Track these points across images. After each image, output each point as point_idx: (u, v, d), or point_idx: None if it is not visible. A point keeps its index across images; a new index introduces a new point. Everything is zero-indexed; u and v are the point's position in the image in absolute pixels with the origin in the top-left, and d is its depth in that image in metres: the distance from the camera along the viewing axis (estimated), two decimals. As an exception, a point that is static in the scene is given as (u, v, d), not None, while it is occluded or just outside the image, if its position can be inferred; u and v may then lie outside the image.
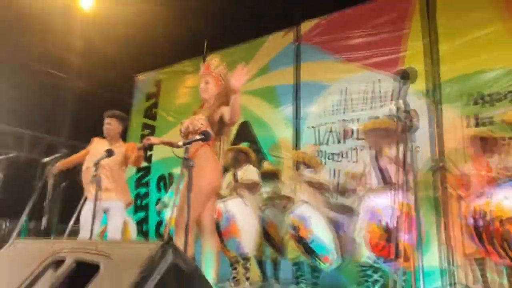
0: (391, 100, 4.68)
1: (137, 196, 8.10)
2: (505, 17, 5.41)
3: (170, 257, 1.11)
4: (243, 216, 4.59)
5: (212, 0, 7.56)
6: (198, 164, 2.97)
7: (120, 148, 4.08)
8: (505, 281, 4.30)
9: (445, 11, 5.90)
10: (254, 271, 5.60)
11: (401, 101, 2.17)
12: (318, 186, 4.55)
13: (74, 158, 4.34)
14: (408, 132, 2.22)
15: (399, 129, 2.22)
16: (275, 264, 5.45)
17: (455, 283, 5.00)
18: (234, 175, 4.98)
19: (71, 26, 8.84)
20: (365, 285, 4.48)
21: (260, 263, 5.58)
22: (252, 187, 4.88)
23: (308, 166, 4.83)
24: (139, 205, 8.04)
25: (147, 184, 8.15)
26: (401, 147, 2.34)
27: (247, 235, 4.59)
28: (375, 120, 4.92)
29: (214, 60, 3.35)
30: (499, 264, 4.20)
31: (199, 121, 3.11)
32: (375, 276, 4.07)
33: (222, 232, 4.49)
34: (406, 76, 2.25)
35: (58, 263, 1.25)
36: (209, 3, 7.58)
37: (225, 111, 3.08)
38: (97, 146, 4.13)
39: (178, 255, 1.15)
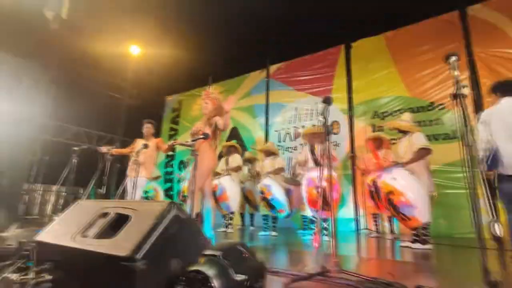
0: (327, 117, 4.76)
1: (166, 173, 8.04)
2: (394, 64, 5.51)
3: (174, 211, 1.16)
4: (231, 188, 4.55)
5: (215, 49, 7.55)
6: (201, 153, 3.01)
7: (153, 142, 4.04)
8: (386, 224, 4.45)
9: (356, 62, 5.98)
10: (237, 221, 5.67)
11: (321, 116, 2.17)
12: (276, 169, 4.54)
13: (123, 150, 4.31)
14: (328, 135, 2.20)
15: (324, 132, 2.21)
16: (252, 216, 5.48)
17: (361, 228, 5.14)
18: (226, 161, 4.98)
19: (125, 65, 8.79)
20: (305, 227, 4.57)
21: (242, 216, 5.61)
22: (237, 169, 4.86)
23: (271, 153, 4.81)
24: (167, 179, 7.99)
25: (172, 166, 8.12)
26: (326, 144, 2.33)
27: (234, 200, 4.58)
28: (310, 127, 4.94)
29: (211, 89, 3.34)
30: (386, 214, 4.33)
31: (202, 126, 3.11)
32: (311, 224, 4.10)
33: (217, 198, 4.46)
34: (326, 101, 2.27)
35: (105, 214, 1.27)
36: (214, 52, 7.57)
37: (219, 120, 3.08)
38: (139, 143, 4.11)
39: (179, 209, 1.20)
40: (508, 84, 2.65)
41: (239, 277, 0.89)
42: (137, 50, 8.35)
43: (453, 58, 1.53)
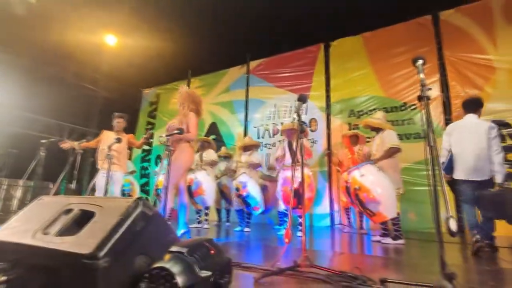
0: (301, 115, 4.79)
1: (142, 168, 7.87)
2: (370, 64, 5.66)
3: (140, 207, 1.13)
4: (207, 182, 4.52)
5: (195, 43, 7.43)
6: (178, 150, 2.97)
7: (124, 137, 3.92)
8: (357, 219, 4.56)
9: (335, 61, 6.07)
10: (214, 217, 5.65)
11: (296, 114, 2.20)
12: (252, 164, 4.54)
13: (89, 143, 4.14)
14: (301, 133, 2.23)
15: (298, 130, 2.23)
16: (228, 212, 5.48)
17: (336, 223, 5.28)
18: (200, 156, 4.91)
19: (101, 56, 8.47)
20: (281, 223, 4.62)
21: (219, 212, 5.60)
22: (211, 163, 4.81)
23: (248, 149, 4.79)
24: (143, 174, 7.81)
25: (148, 160, 7.93)
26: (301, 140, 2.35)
27: (209, 194, 4.55)
28: (287, 123, 5.00)
29: (181, 86, 3.30)
30: (356, 210, 4.47)
31: (176, 123, 3.07)
32: (286, 218, 4.15)
33: (193, 192, 4.41)
34: (301, 99, 2.31)
35: (69, 211, 1.23)
36: (193, 45, 7.45)
37: (190, 122, 3.07)
38: (107, 136, 3.98)
39: (146, 206, 1.18)
40: (470, 102, 3.08)
41: (204, 273, 0.89)
42: (113, 40, 8.04)
43: (420, 62, 1.59)
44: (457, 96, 4.73)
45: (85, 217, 1.17)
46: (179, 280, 0.83)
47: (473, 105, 3.03)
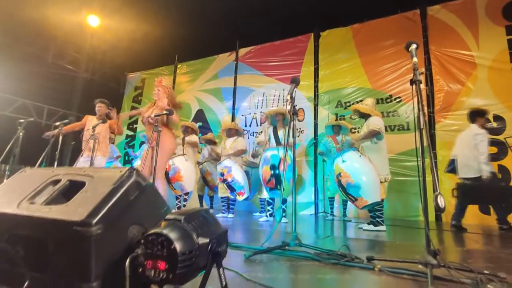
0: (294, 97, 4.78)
1: (125, 154, 7.68)
2: (358, 56, 5.72)
3: (133, 177, 1.10)
4: (185, 168, 4.36)
5: (183, 27, 7.26)
6: (162, 137, 2.91)
7: (106, 123, 3.82)
8: (341, 207, 4.68)
9: (324, 51, 6.10)
10: (196, 203, 5.58)
11: (289, 95, 2.20)
12: (237, 152, 4.48)
13: (75, 125, 4.02)
14: (293, 115, 2.24)
15: (289, 112, 2.23)
16: (211, 198, 5.44)
17: (319, 211, 5.38)
18: (183, 139, 4.77)
19: (83, 36, 8.14)
20: (262, 210, 4.66)
21: (201, 198, 5.46)
22: (193, 145, 4.69)
23: (233, 134, 4.70)
24: (127, 160, 7.63)
25: (132, 146, 7.74)
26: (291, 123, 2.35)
27: (188, 180, 4.38)
28: (272, 108, 4.97)
29: (164, 78, 3.23)
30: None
31: (150, 112, 3.04)
32: (269, 207, 4.18)
33: (170, 178, 4.29)
34: (294, 81, 2.32)
35: (56, 181, 1.18)
36: (181, 29, 7.27)
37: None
38: (91, 120, 3.89)
39: (139, 176, 1.15)
40: (474, 113, 3.71)
41: (202, 240, 0.88)
42: (95, 20, 7.72)
43: (413, 46, 1.61)
44: (440, 90, 4.88)
45: (74, 188, 1.12)
46: (177, 245, 0.81)
47: (473, 116, 3.68)
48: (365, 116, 3.42)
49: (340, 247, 1.77)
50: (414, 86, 1.61)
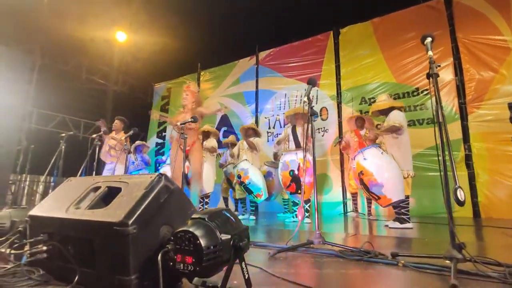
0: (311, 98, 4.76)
1: (156, 160, 8.05)
2: (380, 51, 5.60)
3: (162, 181, 1.22)
4: (204, 170, 4.17)
5: (203, 37, 7.51)
6: (196, 149, 3.16)
7: (121, 136, 4.23)
8: (364, 205, 4.56)
9: (345, 48, 6.03)
10: (222, 205, 5.71)
11: (306, 97, 2.24)
12: (250, 146, 4.50)
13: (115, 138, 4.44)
14: (311, 116, 2.27)
15: (308, 113, 2.27)
16: (237, 201, 5.46)
17: (348, 211, 5.31)
18: (201, 143, 4.86)
19: (112, 51, 8.66)
20: (285, 210, 4.67)
21: (226, 200, 5.52)
22: (211, 150, 4.71)
23: (250, 134, 4.72)
24: (157, 167, 7.97)
25: (162, 153, 8.10)
26: (310, 126, 2.38)
27: (207, 181, 4.33)
28: (291, 109, 4.96)
29: (192, 84, 3.47)
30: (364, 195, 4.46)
31: (183, 118, 3.21)
32: (294, 208, 4.18)
33: (188, 180, 4.14)
34: (310, 82, 2.36)
35: (97, 188, 1.33)
36: (202, 39, 7.53)
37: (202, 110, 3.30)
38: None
39: (168, 180, 1.27)
40: None
41: (225, 236, 0.97)
42: (123, 36, 8.21)
43: (428, 40, 1.61)
44: (471, 79, 4.65)
45: (112, 193, 1.27)
46: (202, 241, 0.91)
47: None
48: (386, 112, 3.36)
49: (363, 244, 1.79)
50: (431, 79, 1.60)
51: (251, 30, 7.10)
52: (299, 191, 3.59)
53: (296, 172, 3.66)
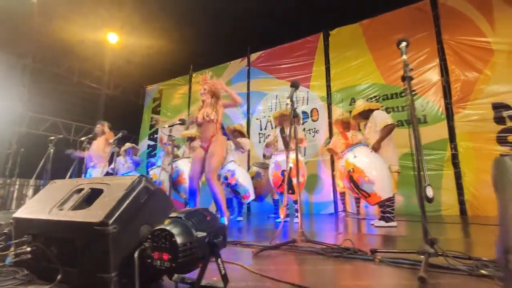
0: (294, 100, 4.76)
1: (148, 162, 8.04)
2: (369, 52, 5.69)
3: (143, 183, 1.27)
4: (188, 170, 4.08)
5: (195, 38, 7.56)
6: (217, 142, 3.11)
7: (102, 138, 4.38)
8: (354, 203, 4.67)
9: (334, 50, 6.12)
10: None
11: (289, 99, 2.29)
12: (241, 147, 4.52)
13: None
14: (294, 118, 2.32)
15: (291, 115, 2.32)
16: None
17: (339, 210, 5.37)
18: (189, 145, 4.90)
19: (103, 54, 8.64)
20: (276, 211, 4.72)
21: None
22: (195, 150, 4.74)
23: (237, 136, 4.75)
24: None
25: (154, 156, 8.09)
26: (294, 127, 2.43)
27: None
28: (278, 110, 5.02)
29: (208, 74, 3.41)
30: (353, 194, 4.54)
31: (210, 112, 3.19)
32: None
33: (174, 181, 4.35)
34: (294, 85, 2.41)
35: (80, 190, 1.37)
36: (194, 41, 7.58)
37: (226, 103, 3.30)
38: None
39: (148, 182, 1.31)
40: None
41: (200, 234, 1.02)
42: (114, 38, 8.20)
43: (403, 44, 1.68)
44: (457, 80, 4.76)
45: (94, 194, 1.31)
46: (178, 239, 0.96)
47: None
48: (365, 114, 3.45)
49: (343, 241, 1.85)
50: (405, 81, 1.68)
51: (243, 32, 7.17)
52: (290, 191, 3.65)
53: (286, 172, 3.71)
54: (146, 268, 1.01)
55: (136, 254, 0.97)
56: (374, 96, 5.42)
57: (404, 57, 1.66)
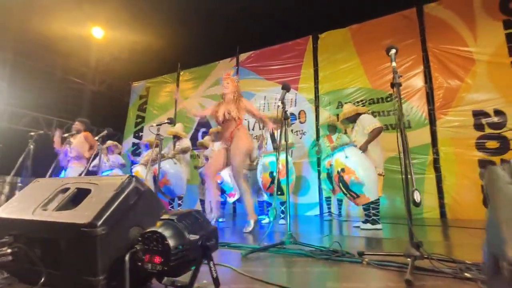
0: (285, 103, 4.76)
1: (132, 161, 7.88)
2: (357, 56, 5.79)
3: (133, 183, 1.24)
4: (173, 171, 4.36)
5: (184, 36, 7.46)
6: (237, 136, 3.03)
7: (80, 137, 4.29)
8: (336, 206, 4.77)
9: (323, 53, 6.18)
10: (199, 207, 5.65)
11: (280, 102, 2.31)
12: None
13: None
14: (284, 120, 2.34)
15: (282, 117, 2.34)
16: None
17: (324, 212, 5.43)
18: (174, 144, 4.83)
19: (88, 48, 8.41)
20: (261, 212, 4.73)
21: (202, 202, 5.47)
22: (183, 151, 4.71)
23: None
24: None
25: (139, 154, 7.92)
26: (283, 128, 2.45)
27: (176, 184, 4.38)
28: (267, 113, 5.12)
29: (231, 70, 3.35)
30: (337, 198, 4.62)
31: (232, 109, 3.11)
32: (269, 207, 4.26)
33: (159, 182, 4.14)
34: (285, 87, 2.43)
35: (66, 190, 1.32)
36: (182, 38, 7.48)
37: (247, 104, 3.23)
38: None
39: (139, 182, 1.28)
40: None
41: (193, 236, 1.01)
42: (100, 32, 7.99)
43: (393, 51, 1.72)
44: (440, 87, 4.92)
45: (81, 195, 1.27)
46: (170, 241, 0.94)
47: None
48: (353, 118, 3.52)
49: (331, 244, 1.87)
50: (394, 88, 1.72)
51: (232, 32, 7.13)
52: (279, 193, 3.66)
53: (275, 173, 3.73)
54: (137, 271, 0.99)
55: (127, 257, 0.94)
56: (361, 100, 5.51)
57: (394, 64, 1.70)
